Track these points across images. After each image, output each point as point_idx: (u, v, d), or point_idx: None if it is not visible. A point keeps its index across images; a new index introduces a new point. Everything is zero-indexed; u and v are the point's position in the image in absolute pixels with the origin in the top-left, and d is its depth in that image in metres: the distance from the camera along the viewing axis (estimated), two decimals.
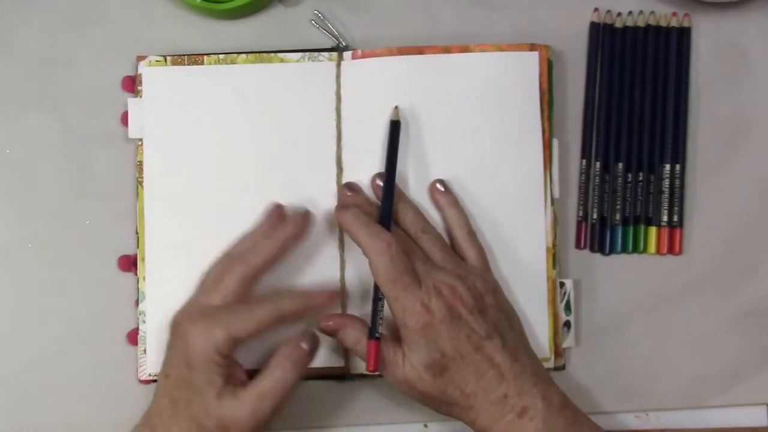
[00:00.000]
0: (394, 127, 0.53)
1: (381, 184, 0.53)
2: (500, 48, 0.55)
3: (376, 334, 0.49)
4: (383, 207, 0.51)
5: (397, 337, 0.49)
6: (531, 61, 0.55)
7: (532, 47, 0.55)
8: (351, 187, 0.54)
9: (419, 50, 0.55)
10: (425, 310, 0.47)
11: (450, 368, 0.47)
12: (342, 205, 0.52)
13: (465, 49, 0.55)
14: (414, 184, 0.54)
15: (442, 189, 0.54)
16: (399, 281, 0.48)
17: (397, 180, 0.53)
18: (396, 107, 0.53)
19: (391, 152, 0.53)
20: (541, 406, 0.46)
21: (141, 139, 0.55)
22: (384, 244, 0.48)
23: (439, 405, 0.49)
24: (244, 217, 0.54)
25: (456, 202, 0.54)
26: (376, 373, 0.49)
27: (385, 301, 0.49)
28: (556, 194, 0.55)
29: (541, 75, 0.55)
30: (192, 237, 0.55)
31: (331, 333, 0.51)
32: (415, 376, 0.48)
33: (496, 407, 0.47)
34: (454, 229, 0.53)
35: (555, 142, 0.55)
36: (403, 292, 0.48)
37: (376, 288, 0.50)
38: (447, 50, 0.55)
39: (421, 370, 0.48)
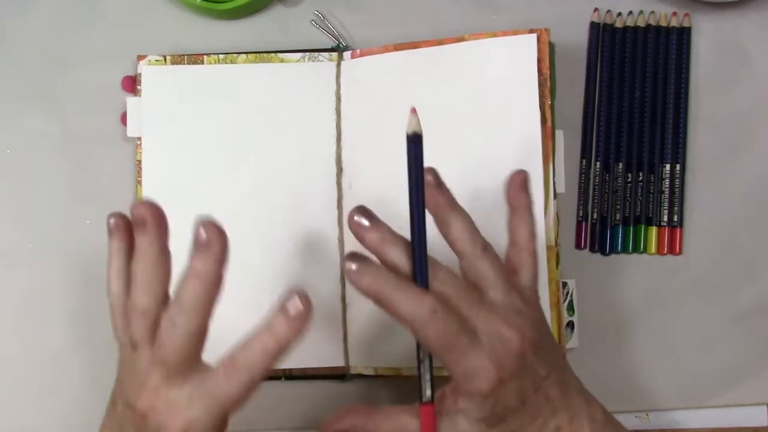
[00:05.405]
0: (413, 141, 0.39)
1: (364, 222, 0.40)
2: (496, 35, 0.53)
3: (425, 399, 0.41)
4: (417, 255, 0.40)
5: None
6: (527, 44, 0.53)
7: (531, 32, 0.53)
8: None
9: (415, 45, 0.55)
10: (495, 367, 0.39)
11: (508, 418, 0.41)
12: (356, 263, 0.39)
13: (459, 40, 0.54)
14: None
15: (522, 190, 0.44)
16: (457, 346, 0.39)
17: (398, 182, 0.53)
18: (413, 111, 0.39)
19: (416, 175, 0.40)
20: (589, 428, 0.43)
21: (140, 139, 0.55)
22: (427, 309, 0.38)
23: None
24: (242, 217, 0.54)
25: (531, 206, 0.45)
26: None
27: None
28: (561, 189, 0.54)
29: (541, 60, 0.53)
30: (189, 237, 0.54)
31: None
32: (465, 429, 0.41)
33: None
34: (521, 237, 0.44)
35: (560, 134, 0.54)
36: (464, 356, 0.39)
37: (418, 347, 0.41)
38: (441, 44, 0.54)
39: (474, 423, 0.41)
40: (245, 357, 0.38)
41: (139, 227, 0.40)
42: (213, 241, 0.38)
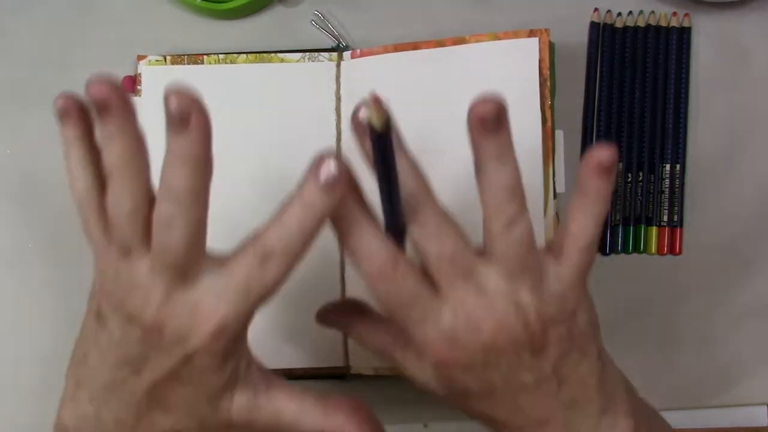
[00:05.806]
0: (379, 140, 0.33)
1: (367, 115, 0.34)
2: (497, 36, 0.54)
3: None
4: (386, 196, 0.34)
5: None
6: (529, 48, 0.53)
7: (531, 33, 0.53)
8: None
9: (415, 46, 0.55)
10: (448, 347, 0.34)
11: (470, 399, 0.36)
12: (336, 169, 0.34)
13: (460, 41, 0.54)
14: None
15: (604, 174, 0.34)
16: (412, 314, 0.34)
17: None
18: (374, 99, 0.33)
19: (386, 170, 0.34)
20: None
21: None
22: (375, 268, 0.34)
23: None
24: (242, 217, 0.54)
25: (607, 197, 0.35)
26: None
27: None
28: (561, 189, 0.54)
29: (541, 61, 0.53)
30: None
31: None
32: (428, 388, 0.37)
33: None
34: (576, 225, 0.35)
35: (560, 134, 0.54)
36: (418, 327, 0.34)
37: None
38: (441, 44, 0.54)
39: (438, 389, 0.37)
40: (280, 239, 0.33)
41: (101, 112, 0.32)
42: (192, 116, 0.32)
